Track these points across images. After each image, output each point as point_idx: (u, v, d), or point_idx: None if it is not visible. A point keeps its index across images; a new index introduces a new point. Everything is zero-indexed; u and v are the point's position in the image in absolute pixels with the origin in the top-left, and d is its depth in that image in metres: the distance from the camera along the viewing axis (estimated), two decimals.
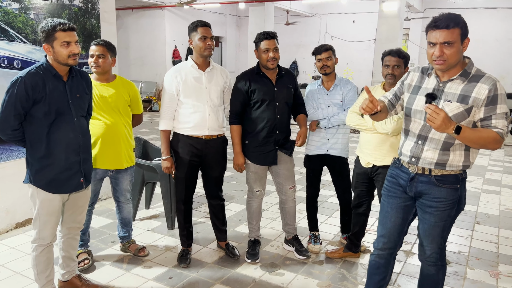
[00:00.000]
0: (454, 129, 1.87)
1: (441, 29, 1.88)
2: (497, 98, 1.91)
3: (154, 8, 12.15)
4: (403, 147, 2.20)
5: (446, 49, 1.88)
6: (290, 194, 3.19)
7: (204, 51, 2.85)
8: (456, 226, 4.04)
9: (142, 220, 4.04)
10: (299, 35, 14.19)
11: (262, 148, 3.00)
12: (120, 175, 3.10)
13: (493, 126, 1.93)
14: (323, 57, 3.11)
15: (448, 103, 1.97)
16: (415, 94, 2.13)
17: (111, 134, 2.93)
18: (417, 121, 2.11)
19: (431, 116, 1.86)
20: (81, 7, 4.01)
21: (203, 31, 2.83)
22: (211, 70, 2.98)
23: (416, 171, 2.12)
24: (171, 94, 2.93)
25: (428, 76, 2.10)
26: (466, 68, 1.97)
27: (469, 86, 1.93)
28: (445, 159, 2.04)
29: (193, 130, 2.94)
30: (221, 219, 3.29)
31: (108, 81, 2.97)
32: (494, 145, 1.94)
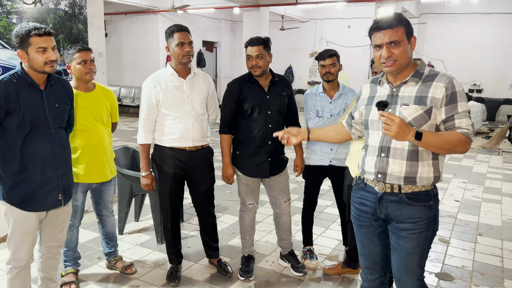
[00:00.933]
0: (414, 135, 1.70)
1: (384, 29, 1.77)
2: (456, 96, 1.76)
3: (147, 13, 12.01)
4: (365, 164, 1.98)
5: (394, 49, 1.76)
6: (285, 207, 3.02)
7: (182, 58, 2.67)
8: (458, 239, 3.89)
9: (130, 233, 3.86)
10: (294, 40, 14.10)
11: (254, 159, 2.83)
12: (104, 187, 2.93)
13: (457, 126, 1.78)
14: (327, 64, 2.94)
15: (405, 107, 1.82)
16: (370, 105, 1.97)
17: (96, 145, 2.76)
18: (375, 132, 1.93)
19: (386, 124, 1.70)
20: (67, 11, 3.84)
21: (180, 37, 2.64)
22: (192, 78, 2.80)
23: (384, 190, 1.90)
24: (150, 104, 2.75)
25: (379, 84, 1.96)
26: (418, 69, 1.85)
27: (425, 86, 1.80)
28: (414, 172, 1.84)
29: (176, 142, 2.77)
30: (212, 236, 3.11)
31: (89, 90, 2.80)
32: (461, 147, 1.77)
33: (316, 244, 3.67)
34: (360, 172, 2.05)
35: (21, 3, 3.47)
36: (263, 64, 2.74)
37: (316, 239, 3.78)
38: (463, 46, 11.85)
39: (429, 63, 12.45)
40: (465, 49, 11.84)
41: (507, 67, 11.56)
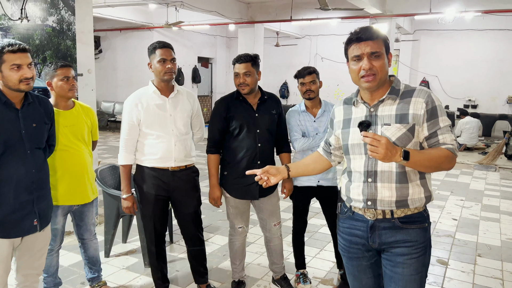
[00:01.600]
0: (402, 155, 1.59)
1: (365, 40, 1.66)
2: (436, 110, 1.69)
3: (142, 30, 12.01)
4: (350, 191, 1.83)
5: (375, 61, 1.66)
6: (275, 231, 2.89)
7: (163, 75, 2.58)
8: (457, 260, 3.77)
9: (117, 256, 3.71)
10: (289, 56, 14.12)
11: (243, 181, 2.70)
12: (86, 209, 2.80)
13: (441, 142, 1.69)
14: (307, 81, 2.85)
15: (387, 127, 1.70)
16: (347, 128, 1.83)
17: (77, 165, 2.65)
18: (358, 156, 1.79)
19: (372, 145, 1.56)
20: (54, 28, 3.76)
21: (162, 53, 2.56)
22: (175, 96, 2.70)
23: (375, 217, 1.76)
24: (131, 124, 2.65)
25: (354, 105, 1.83)
26: (394, 86, 1.75)
27: (404, 103, 1.70)
28: (405, 194, 1.73)
29: (158, 162, 2.66)
30: (201, 262, 2.96)
31: (69, 108, 2.70)
32: (448, 164, 1.68)
33: (310, 267, 3.53)
34: (345, 200, 1.89)
35: (7, 19, 3.38)
36: (251, 81, 2.66)
37: (310, 261, 3.65)
38: (457, 62, 11.88)
39: (423, 79, 12.47)
40: (459, 65, 11.87)
41: (502, 83, 11.57)
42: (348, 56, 1.74)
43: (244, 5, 10.30)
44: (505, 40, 11.28)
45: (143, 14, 11.29)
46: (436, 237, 4.30)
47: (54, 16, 3.74)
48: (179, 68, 13.06)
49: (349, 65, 1.74)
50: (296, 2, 9.55)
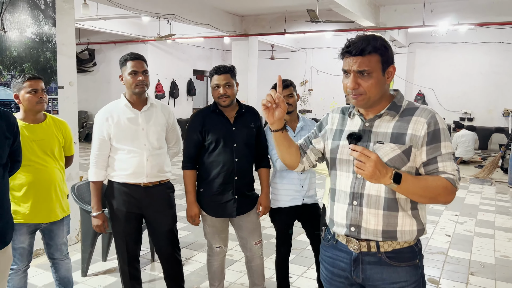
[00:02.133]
0: (392, 177, 1.40)
1: (354, 55, 1.48)
2: (439, 134, 1.49)
3: (137, 42, 11.98)
4: (333, 213, 1.65)
5: (362, 80, 1.49)
6: (256, 250, 2.75)
7: (135, 87, 2.49)
8: (449, 279, 3.63)
9: (95, 275, 3.56)
10: (284, 69, 14.08)
11: (219, 198, 2.59)
12: (55, 227, 2.67)
13: (441, 171, 1.49)
14: (284, 95, 2.74)
15: (380, 146, 1.52)
16: (337, 140, 1.66)
17: (44, 181, 2.53)
18: (345, 174, 1.61)
19: (359, 161, 1.39)
20: (34, 39, 3.68)
21: (133, 65, 2.47)
22: (148, 109, 2.60)
23: (359, 249, 1.58)
24: (101, 139, 2.55)
25: (350, 116, 1.67)
26: (395, 101, 1.57)
27: (403, 122, 1.52)
28: (393, 224, 1.54)
29: (129, 177, 2.55)
30: (178, 284, 2.81)
31: (39, 121, 2.59)
32: (445, 197, 1.48)
33: (295, 286, 3.39)
34: (328, 224, 1.71)
35: None
36: (231, 93, 2.56)
37: (296, 281, 3.50)
38: (453, 74, 11.84)
39: (419, 91, 12.42)
40: (455, 78, 11.83)
41: (498, 95, 11.52)
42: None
43: (238, 18, 10.29)
44: (500, 53, 11.27)
45: (137, 27, 11.28)
46: (428, 254, 4.16)
47: (33, 27, 3.66)
48: (173, 81, 13.03)
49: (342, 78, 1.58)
50: (289, 15, 9.55)
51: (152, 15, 7.93)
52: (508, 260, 4.10)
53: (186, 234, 4.58)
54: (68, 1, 3.92)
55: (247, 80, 10.59)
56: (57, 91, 3.91)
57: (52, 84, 3.87)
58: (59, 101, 3.94)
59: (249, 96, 10.58)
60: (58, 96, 3.93)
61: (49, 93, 3.85)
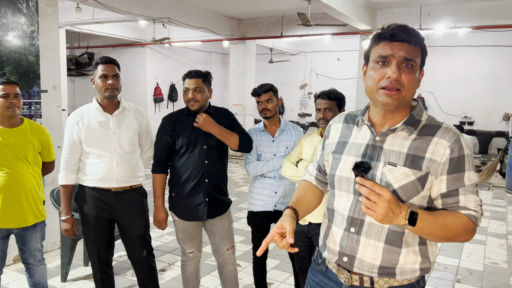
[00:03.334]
0: (407, 218, 1.17)
1: (401, 41, 1.23)
2: (463, 162, 1.24)
3: (135, 46, 12.01)
4: (327, 237, 1.44)
5: (406, 73, 1.23)
6: (228, 256, 2.71)
7: (104, 91, 2.47)
8: (434, 286, 3.56)
9: (75, 280, 3.53)
10: (284, 73, 14.07)
11: (190, 201, 2.55)
12: (28, 233, 2.64)
13: (462, 206, 1.26)
14: (263, 100, 2.71)
15: (391, 168, 1.27)
16: (339, 154, 1.42)
17: (15, 186, 2.51)
18: (344, 194, 1.38)
19: (369, 201, 1.15)
20: (15, 43, 3.67)
21: (104, 69, 2.45)
22: (120, 113, 2.58)
23: (350, 282, 1.37)
24: (71, 142, 2.52)
25: (357, 125, 1.41)
26: (414, 114, 1.31)
27: (421, 142, 1.27)
28: (394, 261, 1.31)
29: (99, 182, 2.52)
30: None
31: (14, 126, 2.57)
32: (464, 236, 1.26)
33: None
34: (320, 245, 1.51)
35: None
36: (201, 98, 2.53)
37: (278, 287, 3.45)
38: (452, 78, 11.74)
39: (419, 95, 12.32)
40: (454, 82, 11.73)
41: (498, 99, 11.40)
42: (369, 56, 1.31)
43: (235, 22, 10.29)
44: (500, 57, 11.15)
45: (135, 31, 11.31)
46: None
47: (15, 31, 3.65)
48: (172, 84, 13.03)
49: (368, 68, 1.31)
50: (286, 19, 9.52)
51: (147, 19, 7.94)
52: (497, 267, 4.02)
53: (171, 239, 4.54)
54: (51, 5, 3.91)
55: (244, 84, 10.59)
56: (40, 95, 3.90)
57: (34, 88, 3.86)
58: (42, 105, 3.93)
59: (246, 99, 10.57)
60: (41, 100, 3.92)
61: (32, 97, 3.85)
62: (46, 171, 2.80)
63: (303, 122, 13.56)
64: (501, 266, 4.05)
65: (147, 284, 2.75)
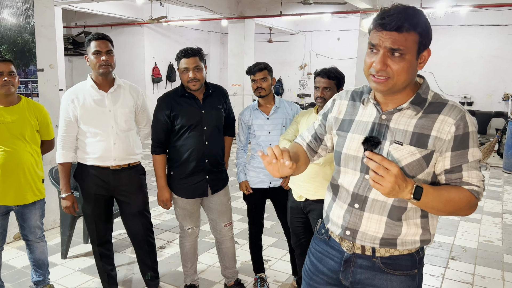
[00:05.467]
0: (413, 192, 1.21)
1: (389, 30, 1.22)
2: (468, 139, 1.27)
3: (133, 25, 11.87)
4: (331, 209, 1.49)
5: (392, 61, 1.23)
6: (226, 232, 2.75)
7: (98, 68, 2.45)
8: (428, 263, 3.61)
9: (75, 257, 3.58)
10: (283, 53, 13.94)
11: (190, 179, 2.58)
12: (27, 210, 2.67)
13: (465, 181, 1.29)
14: (257, 78, 2.70)
15: (397, 147, 1.29)
16: (345, 132, 1.43)
17: (13, 164, 2.52)
18: (351, 171, 1.40)
19: (376, 175, 1.17)
20: (10, 21, 3.63)
21: (96, 45, 2.43)
22: (115, 90, 2.57)
23: (352, 251, 1.42)
24: (67, 120, 2.52)
25: (363, 103, 1.41)
26: (420, 93, 1.31)
27: (427, 120, 1.28)
28: (395, 234, 1.36)
29: (97, 160, 2.54)
30: (150, 266, 2.81)
31: (11, 104, 2.57)
32: (466, 211, 1.31)
33: (274, 270, 3.40)
34: (324, 218, 1.56)
35: None
36: (201, 76, 2.52)
37: (275, 264, 3.51)
38: (452, 58, 11.65)
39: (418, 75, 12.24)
40: (454, 62, 11.64)
41: (498, 80, 11.34)
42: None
43: (234, 0, 10.15)
44: (501, 36, 11.04)
45: (132, 10, 11.16)
46: None
47: (9, 9, 3.61)
48: (170, 64, 12.94)
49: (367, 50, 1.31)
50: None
51: None
52: (491, 244, 4.08)
53: (170, 218, 4.59)
54: None
55: (243, 64, 10.49)
56: (36, 74, 3.88)
57: (31, 67, 3.83)
58: (39, 84, 3.91)
59: (245, 79, 10.51)
60: (38, 79, 3.90)
61: (29, 76, 3.83)
62: (46, 149, 2.81)
63: (303, 103, 13.52)
64: (495, 244, 4.11)
65: (145, 260, 2.79)
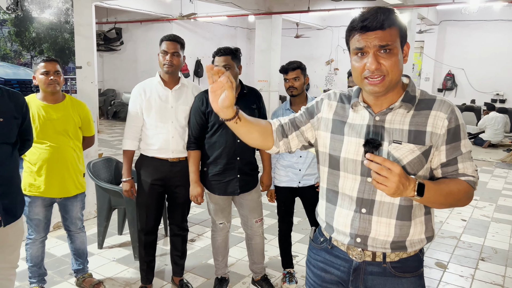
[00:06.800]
0: (416, 189, 1.22)
1: (373, 30, 1.23)
2: (459, 131, 1.31)
3: (162, 21, 12.06)
4: (334, 218, 1.44)
5: (385, 59, 1.24)
6: (257, 228, 2.83)
7: (163, 66, 2.64)
8: (458, 263, 3.60)
9: (110, 248, 3.74)
10: (310, 48, 13.89)
11: (222, 177, 2.67)
12: (69, 202, 2.82)
13: (461, 173, 1.33)
14: (290, 77, 2.75)
15: (397, 146, 1.31)
16: (339, 135, 1.41)
17: (57, 159, 2.66)
18: (351, 176, 1.39)
19: (380, 175, 1.17)
20: (51, 20, 3.79)
21: (165, 46, 2.62)
22: (179, 88, 2.73)
23: (362, 259, 1.40)
24: (134, 112, 2.72)
25: (352, 107, 1.41)
26: (409, 91, 1.34)
27: (420, 117, 1.31)
28: (405, 234, 1.37)
29: (157, 152, 2.72)
30: (180, 251, 2.96)
31: (56, 101, 2.71)
32: (465, 201, 1.35)
33: (301, 266, 3.45)
34: (324, 228, 1.51)
35: (2, 12, 3.43)
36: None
37: (302, 260, 3.57)
38: (484, 54, 11.34)
39: (449, 71, 12.00)
40: (486, 57, 11.33)
41: None
42: (349, 47, 1.32)
43: None
44: None
45: (162, 6, 11.33)
46: (440, 238, 4.13)
47: (51, 9, 3.77)
48: (198, 60, 13.10)
49: (351, 59, 1.32)
50: None
51: None
52: None
53: (200, 211, 4.71)
54: None
55: (270, 60, 10.52)
56: (75, 71, 4.04)
57: (70, 64, 4.00)
58: (77, 81, 4.07)
59: (272, 75, 10.54)
60: (76, 76, 4.06)
61: (67, 73, 3.99)
62: (86, 145, 2.94)
63: None
64: None
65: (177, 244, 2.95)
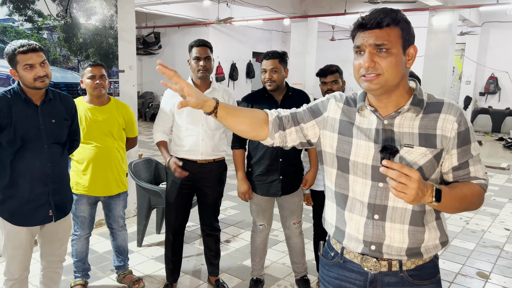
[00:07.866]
0: (434, 195, 1.18)
1: (370, 28, 1.23)
2: (469, 134, 1.30)
3: (198, 26, 12.29)
4: (345, 225, 1.40)
5: (380, 58, 1.23)
6: (294, 229, 2.87)
7: (196, 72, 2.72)
8: (501, 274, 3.47)
9: (149, 246, 3.86)
10: (345, 51, 13.74)
11: (265, 177, 2.72)
12: (113, 201, 2.94)
13: (473, 176, 1.32)
14: (328, 81, 2.79)
15: (409, 150, 1.28)
16: (348, 137, 1.37)
17: (102, 159, 2.78)
18: (361, 181, 1.35)
19: (399, 183, 1.11)
20: (97, 26, 3.96)
21: (197, 52, 2.71)
22: (210, 92, 2.79)
23: (378, 269, 1.36)
24: (164, 113, 2.83)
25: (359, 111, 1.37)
26: (417, 94, 1.32)
27: (429, 120, 1.29)
28: (419, 241, 1.34)
29: (186, 154, 2.79)
30: (213, 251, 3.02)
31: (102, 104, 2.83)
32: (478, 205, 1.34)
33: None
34: (332, 235, 1.46)
35: (52, 19, 3.62)
36: (277, 78, 2.66)
37: None
38: None
39: (492, 75, 11.56)
40: None
41: None
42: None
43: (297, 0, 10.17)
44: None
45: (199, 11, 11.56)
46: (481, 248, 3.99)
47: (97, 15, 3.94)
48: (233, 63, 13.25)
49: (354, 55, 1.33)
50: None
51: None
52: None
53: (235, 213, 4.77)
54: None
55: (305, 62, 10.51)
56: (118, 75, 4.19)
57: (113, 68, 4.16)
58: (120, 84, 4.23)
59: (307, 78, 10.51)
60: (119, 79, 4.22)
61: (111, 77, 4.15)
62: (130, 146, 3.06)
63: None
64: None
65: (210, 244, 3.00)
